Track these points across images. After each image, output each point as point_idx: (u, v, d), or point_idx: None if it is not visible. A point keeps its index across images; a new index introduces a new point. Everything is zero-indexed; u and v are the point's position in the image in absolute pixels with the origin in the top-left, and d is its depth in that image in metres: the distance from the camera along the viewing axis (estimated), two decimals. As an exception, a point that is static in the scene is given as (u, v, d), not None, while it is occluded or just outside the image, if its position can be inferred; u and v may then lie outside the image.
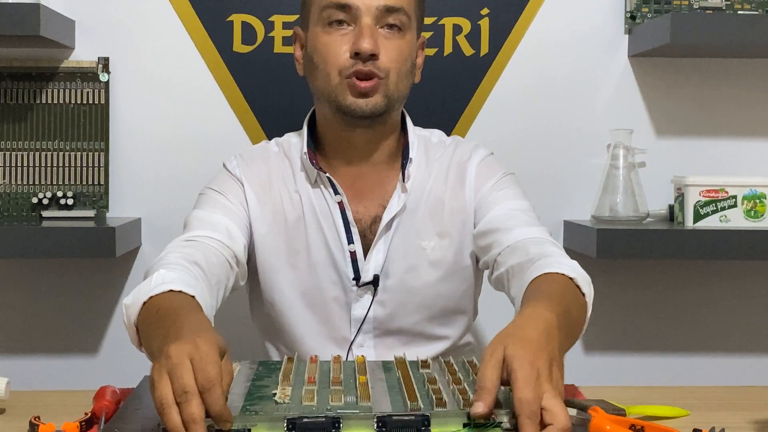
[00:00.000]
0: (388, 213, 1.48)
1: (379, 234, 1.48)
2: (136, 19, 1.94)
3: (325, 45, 1.42)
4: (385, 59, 1.40)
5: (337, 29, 1.41)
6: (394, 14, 1.41)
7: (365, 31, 1.39)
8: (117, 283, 1.99)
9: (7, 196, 1.92)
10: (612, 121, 1.99)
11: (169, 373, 0.92)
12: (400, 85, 1.44)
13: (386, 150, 1.50)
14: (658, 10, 1.98)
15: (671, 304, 2.06)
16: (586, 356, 2.05)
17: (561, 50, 1.99)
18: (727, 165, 2.02)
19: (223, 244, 1.40)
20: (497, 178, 1.51)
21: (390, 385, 1.15)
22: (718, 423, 1.12)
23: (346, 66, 1.40)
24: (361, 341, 1.50)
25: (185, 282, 1.20)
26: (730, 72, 2.03)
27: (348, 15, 1.40)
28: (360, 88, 1.40)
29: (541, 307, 1.07)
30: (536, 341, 0.98)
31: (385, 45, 1.41)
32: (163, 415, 0.90)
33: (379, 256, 1.48)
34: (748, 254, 1.81)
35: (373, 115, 1.42)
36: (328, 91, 1.42)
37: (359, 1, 1.39)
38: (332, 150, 1.50)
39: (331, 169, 1.49)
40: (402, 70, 1.43)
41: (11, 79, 1.92)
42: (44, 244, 1.75)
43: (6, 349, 1.96)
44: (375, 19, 1.40)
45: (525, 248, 1.35)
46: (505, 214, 1.45)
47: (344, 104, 1.41)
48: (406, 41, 1.44)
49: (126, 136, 1.96)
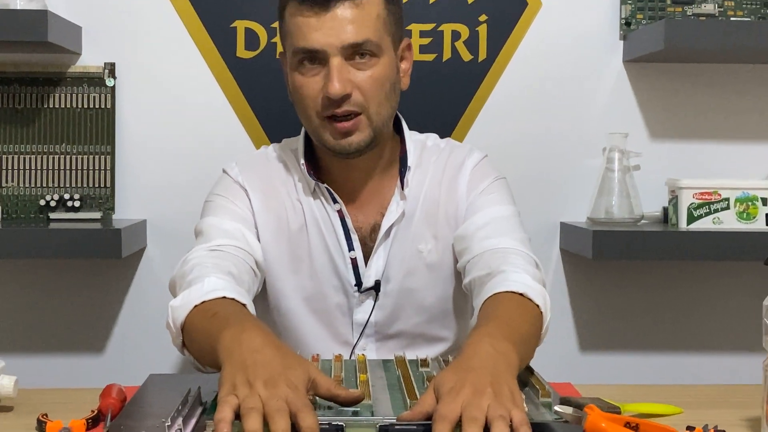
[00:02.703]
0: (387, 220, 1.47)
1: (379, 241, 1.47)
2: (141, 25, 1.94)
3: (301, 87, 1.39)
4: (358, 95, 1.37)
5: (310, 70, 1.38)
6: (361, 47, 1.37)
7: (333, 73, 1.34)
8: (123, 283, 2.00)
9: (16, 198, 1.92)
10: (607, 125, 1.99)
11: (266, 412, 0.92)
12: (382, 112, 1.41)
13: (382, 160, 1.49)
14: (652, 16, 1.98)
15: (665, 304, 2.06)
16: (581, 355, 2.05)
17: (557, 56, 2.00)
18: (720, 168, 2.02)
19: (246, 252, 1.40)
20: (488, 183, 1.50)
21: (390, 383, 1.15)
22: (711, 420, 1.12)
23: (321, 108, 1.38)
24: (364, 345, 1.50)
25: (236, 291, 1.23)
26: (723, 77, 2.03)
27: (316, 58, 1.37)
28: (340, 129, 1.38)
29: (485, 333, 1.11)
30: (474, 368, 1.01)
31: (359, 78, 1.37)
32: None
33: (380, 262, 1.48)
34: (741, 255, 1.82)
35: (358, 151, 1.41)
36: (311, 129, 1.42)
37: (324, 43, 1.35)
38: (329, 161, 1.49)
39: (329, 177, 1.49)
40: (380, 97, 1.39)
41: (19, 84, 1.92)
42: (51, 245, 1.76)
43: (14, 347, 1.96)
44: (343, 57, 1.36)
45: (488, 261, 1.37)
46: (483, 221, 1.45)
47: (329, 145, 1.40)
48: (381, 64, 1.39)
49: (132, 140, 1.96)
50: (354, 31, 1.35)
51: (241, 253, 1.39)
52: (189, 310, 1.19)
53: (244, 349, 1.03)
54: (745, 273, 2.03)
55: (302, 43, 1.36)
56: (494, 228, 1.43)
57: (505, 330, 1.13)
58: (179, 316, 1.21)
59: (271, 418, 0.91)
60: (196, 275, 1.27)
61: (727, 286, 2.05)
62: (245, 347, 1.03)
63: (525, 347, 1.16)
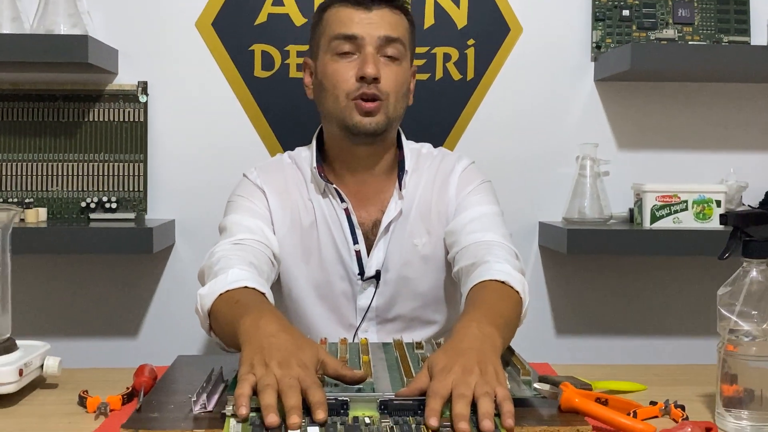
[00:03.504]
0: (386, 217, 1.47)
1: (380, 236, 1.48)
2: (170, 48, 1.95)
3: (335, 71, 1.41)
4: (385, 83, 1.40)
5: (344, 57, 1.41)
6: (392, 44, 1.41)
7: (369, 58, 1.39)
8: (154, 275, 2.00)
9: (60, 201, 1.92)
10: (580, 136, 1.99)
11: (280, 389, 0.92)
12: (398, 106, 1.44)
13: (385, 162, 1.50)
14: (619, 40, 1.98)
15: (631, 294, 2.06)
16: (557, 338, 2.05)
17: (536, 75, 2.00)
18: (679, 174, 2.02)
19: (264, 245, 1.40)
20: (474, 185, 1.51)
21: (389, 363, 1.15)
22: (671, 396, 1.12)
23: (352, 89, 1.39)
24: (366, 327, 1.50)
25: (256, 281, 1.23)
26: (682, 94, 2.03)
27: (353, 45, 1.40)
28: (365, 107, 1.39)
29: (472, 318, 1.11)
30: (463, 350, 1.01)
31: (385, 71, 1.41)
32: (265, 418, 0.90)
33: (380, 254, 1.48)
34: (698, 251, 1.82)
35: (375, 132, 1.42)
36: (337, 111, 1.42)
37: (363, 32, 1.39)
38: (338, 162, 1.49)
39: (337, 179, 1.49)
40: (399, 93, 1.43)
41: (63, 100, 1.92)
42: (91, 242, 1.76)
43: (58, 332, 1.96)
44: (376, 48, 1.40)
45: (474, 252, 1.37)
46: (470, 217, 1.45)
47: (351, 123, 1.41)
48: (402, 68, 1.43)
49: (162, 149, 1.96)
50: (390, 28, 1.41)
51: (261, 246, 1.39)
52: (215, 297, 1.20)
53: (261, 333, 1.03)
54: (701, 267, 2.03)
55: (343, 30, 1.40)
56: (480, 224, 1.43)
57: (490, 315, 1.13)
58: (206, 303, 1.21)
59: (285, 393, 0.92)
60: (222, 266, 1.27)
61: (685, 278, 2.05)
62: (262, 332, 1.03)
63: (507, 329, 1.16)
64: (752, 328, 1.02)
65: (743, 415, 1.02)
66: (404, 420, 0.94)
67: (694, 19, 1.99)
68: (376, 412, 0.96)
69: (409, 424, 0.92)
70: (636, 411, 1.05)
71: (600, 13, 1.98)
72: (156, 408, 1.01)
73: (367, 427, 0.91)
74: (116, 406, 1.07)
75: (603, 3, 1.98)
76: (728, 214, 1.08)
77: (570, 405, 1.00)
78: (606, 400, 1.04)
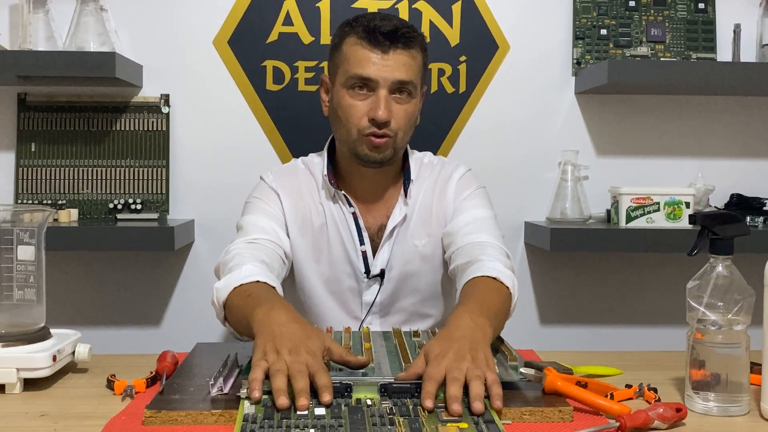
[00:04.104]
0: (391, 222, 1.47)
1: (384, 239, 1.47)
2: (190, 64, 1.94)
3: (348, 106, 1.38)
4: (394, 123, 1.38)
5: (359, 94, 1.38)
6: (404, 86, 1.38)
7: (381, 102, 1.35)
8: (175, 270, 2.00)
9: (90, 203, 1.92)
10: (562, 144, 1.99)
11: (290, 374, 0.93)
12: (405, 138, 1.43)
13: (391, 174, 1.49)
14: (598, 57, 1.98)
15: (609, 286, 2.06)
16: (541, 328, 2.05)
17: (522, 88, 2.00)
18: (652, 178, 2.02)
19: (276, 245, 1.40)
20: (471, 191, 1.50)
21: (389, 350, 1.15)
22: (645, 380, 1.12)
23: (364, 126, 1.37)
24: (370, 320, 1.49)
25: (267, 276, 1.23)
26: (655, 106, 2.03)
27: (368, 85, 1.37)
28: (374, 143, 1.38)
29: (465, 310, 1.11)
30: (457, 338, 1.02)
31: (396, 109, 1.38)
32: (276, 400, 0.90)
33: (385, 254, 1.47)
34: (669, 248, 1.81)
35: (382, 162, 1.41)
36: (349, 142, 1.40)
37: (378, 76, 1.35)
38: (348, 171, 1.48)
39: (346, 185, 1.48)
40: (407, 128, 1.41)
41: (93, 111, 1.92)
42: (118, 240, 1.76)
43: (88, 321, 1.96)
44: (389, 90, 1.37)
45: (468, 251, 1.37)
46: (466, 221, 1.45)
47: (361, 154, 1.40)
48: (412, 104, 1.41)
49: (182, 155, 1.96)
50: (403, 72, 1.37)
51: (273, 245, 1.39)
52: (230, 290, 1.20)
53: (272, 323, 1.03)
54: (672, 262, 2.03)
55: (360, 71, 1.36)
56: (475, 226, 1.43)
57: (482, 307, 1.13)
58: (222, 295, 1.21)
59: (294, 378, 0.92)
60: (236, 263, 1.27)
61: (657, 272, 2.05)
62: (274, 322, 1.03)
63: (497, 320, 1.16)
64: (718, 318, 1.02)
65: (710, 397, 1.03)
66: (402, 402, 0.94)
67: (666, 37, 1.99)
68: (377, 394, 0.96)
69: (406, 405, 0.92)
70: (613, 393, 1.05)
71: (580, 32, 1.99)
72: (177, 390, 1.01)
73: (369, 409, 0.91)
74: (141, 389, 1.07)
75: (583, 23, 1.99)
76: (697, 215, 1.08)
77: (553, 388, 1.01)
78: (585, 384, 1.04)
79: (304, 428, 0.86)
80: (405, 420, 0.88)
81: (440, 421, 0.88)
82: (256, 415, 0.89)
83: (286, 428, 0.86)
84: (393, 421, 0.88)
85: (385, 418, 0.88)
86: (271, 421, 0.87)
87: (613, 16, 1.99)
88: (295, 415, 0.89)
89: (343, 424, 0.87)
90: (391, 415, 0.89)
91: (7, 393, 1.07)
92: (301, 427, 0.86)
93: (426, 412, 0.91)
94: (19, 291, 1.15)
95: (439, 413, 0.90)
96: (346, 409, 0.91)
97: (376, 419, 0.88)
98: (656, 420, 0.95)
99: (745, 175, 2.04)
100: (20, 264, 1.14)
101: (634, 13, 1.99)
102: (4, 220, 1.14)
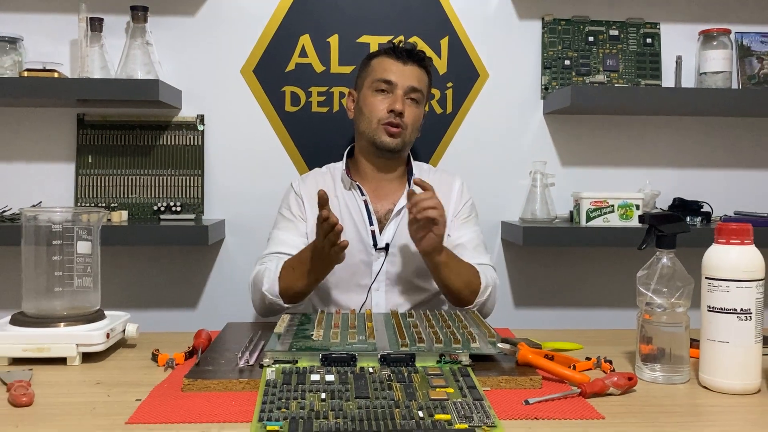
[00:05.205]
0: (398, 205, 1.54)
1: (392, 218, 1.53)
2: (221, 89, 1.94)
3: (372, 103, 1.52)
4: (406, 117, 1.52)
5: (381, 94, 1.52)
6: (415, 92, 1.52)
7: (399, 99, 1.50)
8: (209, 262, 1.99)
9: (137, 206, 1.93)
10: (532, 156, 1.99)
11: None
12: (412, 135, 1.55)
13: (398, 171, 1.59)
14: (563, 83, 1.98)
15: (572, 275, 2.06)
16: (516, 310, 2.06)
17: (499, 110, 2.00)
18: (608, 184, 2.02)
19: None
20: (469, 202, 1.62)
21: (387, 327, 1.15)
22: (602, 353, 1.12)
23: (383, 117, 1.50)
24: (377, 286, 1.52)
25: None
26: (610, 125, 2.03)
27: (389, 87, 1.50)
28: (390, 131, 1.50)
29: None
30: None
31: (408, 109, 1.51)
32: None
33: (390, 233, 1.53)
34: (622, 243, 1.81)
35: (395, 149, 1.52)
36: (370, 131, 1.52)
37: (397, 80, 1.51)
38: (363, 167, 1.57)
39: (361, 179, 1.57)
40: (414, 126, 1.54)
41: (140, 129, 1.92)
42: (161, 236, 1.76)
43: (137, 304, 1.96)
44: (404, 92, 1.51)
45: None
46: (468, 240, 1.54)
47: (379, 141, 1.51)
48: (419, 109, 1.54)
49: (215, 166, 1.96)
50: (416, 81, 1.53)
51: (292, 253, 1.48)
52: (277, 277, 1.39)
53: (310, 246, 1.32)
54: (624, 255, 2.03)
55: (384, 75, 1.52)
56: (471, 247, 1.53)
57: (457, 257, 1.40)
58: (274, 288, 1.39)
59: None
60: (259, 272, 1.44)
61: (612, 263, 2.05)
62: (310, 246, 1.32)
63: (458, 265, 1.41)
64: (663, 302, 1.03)
65: (656, 368, 1.03)
66: (398, 369, 0.94)
67: (619, 67, 2.00)
68: (378, 363, 0.96)
69: (402, 373, 0.93)
70: (575, 365, 1.05)
71: (547, 63, 1.99)
72: (211, 362, 1.02)
73: (371, 375, 0.92)
74: (180, 361, 1.08)
75: (550, 55, 1.99)
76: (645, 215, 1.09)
77: (525, 360, 1.01)
78: (552, 356, 1.04)
79: (317, 392, 0.86)
80: (401, 385, 0.89)
81: (430, 386, 0.89)
82: (276, 381, 0.89)
83: (301, 392, 0.86)
84: (391, 386, 0.88)
85: (385, 384, 0.89)
86: (289, 386, 0.87)
87: (575, 50, 1.99)
88: (309, 380, 0.89)
89: (350, 388, 0.87)
90: (390, 381, 0.90)
91: (69, 365, 1.08)
92: (314, 390, 0.86)
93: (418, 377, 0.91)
94: (78, 279, 1.15)
95: (429, 379, 0.91)
96: (351, 376, 0.91)
97: (377, 384, 0.89)
98: (611, 387, 0.95)
99: (686, 182, 2.04)
100: (79, 257, 1.15)
101: (592, 46, 1.99)
102: (66, 220, 1.15)
